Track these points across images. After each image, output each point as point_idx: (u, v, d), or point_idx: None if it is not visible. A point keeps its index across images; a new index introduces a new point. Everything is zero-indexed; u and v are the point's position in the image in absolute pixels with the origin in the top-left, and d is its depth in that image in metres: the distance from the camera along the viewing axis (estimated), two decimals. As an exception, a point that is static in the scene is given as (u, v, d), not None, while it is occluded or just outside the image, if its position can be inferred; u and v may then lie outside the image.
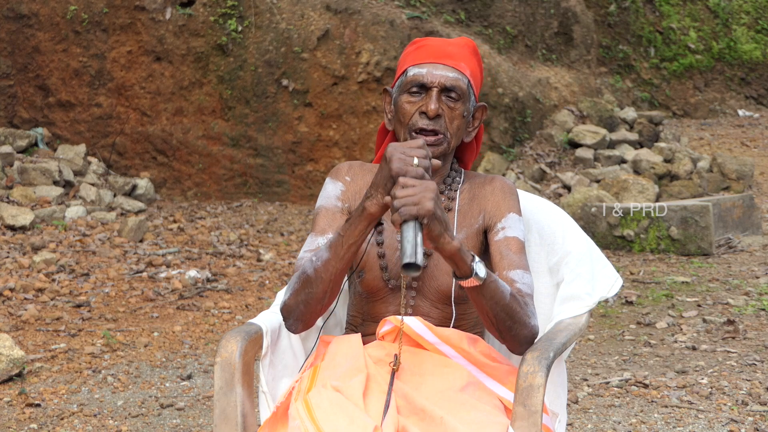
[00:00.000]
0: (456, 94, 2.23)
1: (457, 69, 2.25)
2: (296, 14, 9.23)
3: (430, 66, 2.24)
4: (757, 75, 13.36)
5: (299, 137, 9.23)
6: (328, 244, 2.09)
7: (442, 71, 2.23)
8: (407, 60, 2.30)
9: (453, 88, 2.23)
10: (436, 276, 2.21)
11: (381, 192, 2.02)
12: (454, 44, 2.31)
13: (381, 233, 2.25)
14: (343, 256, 2.08)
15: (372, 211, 2.03)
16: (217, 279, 6.48)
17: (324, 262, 2.08)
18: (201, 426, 4.03)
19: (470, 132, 2.34)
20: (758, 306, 5.66)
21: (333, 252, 2.08)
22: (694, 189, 8.89)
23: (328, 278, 2.10)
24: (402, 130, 2.25)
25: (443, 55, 2.26)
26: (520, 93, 9.73)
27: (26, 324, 5.43)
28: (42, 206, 7.95)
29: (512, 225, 2.23)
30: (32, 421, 4.07)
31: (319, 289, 2.11)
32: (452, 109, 2.23)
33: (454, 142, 2.26)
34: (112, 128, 9.49)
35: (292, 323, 2.19)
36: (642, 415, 4.04)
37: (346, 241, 2.06)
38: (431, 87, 2.22)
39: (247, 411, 2.18)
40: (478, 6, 10.14)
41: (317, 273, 2.09)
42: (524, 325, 2.12)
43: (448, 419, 1.97)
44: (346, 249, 2.07)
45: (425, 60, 2.26)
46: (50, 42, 9.47)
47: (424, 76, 2.23)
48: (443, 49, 2.28)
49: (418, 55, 2.28)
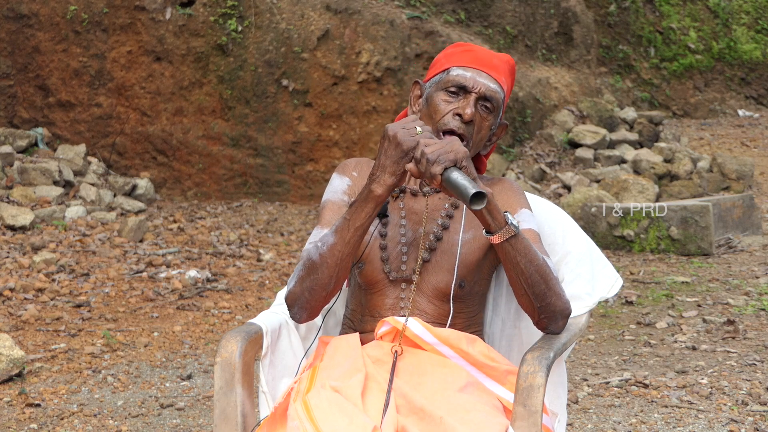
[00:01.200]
0: (491, 105, 2.26)
1: (498, 81, 2.28)
2: (296, 14, 9.23)
3: (474, 72, 2.27)
4: (757, 75, 13.36)
5: (299, 137, 9.23)
6: (334, 228, 2.09)
7: (485, 80, 2.26)
8: (451, 60, 2.31)
9: (491, 98, 2.26)
10: (436, 271, 2.21)
11: (388, 172, 2.04)
12: (498, 57, 2.34)
13: (385, 225, 2.25)
14: (349, 240, 2.07)
15: (378, 193, 2.04)
16: (217, 279, 6.48)
17: (330, 246, 2.08)
18: (201, 426, 4.03)
19: (487, 146, 2.36)
20: (758, 306, 5.66)
21: (339, 236, 2.07)
22: (694, 189, 8.89)
23: (334, 263, 2.09)
24: (431, 126, 2.25)
25: (489, 65, 2.29)
26: (520, 93, 9.73)
27: (26, 324, 5.43)
28: (42, 206, 7.95)
29: (526, 219, 2.24)
30: (32, 421, 4.07)
31: (325, 275, 2.10)
32: (483, 119, 2.26)
33: (473, 151, 2.28)
34: (112, 128, 9.49)
35: (297, 311, 2.17)
36: (642, 415, 4.04)
37: (352, 225, 2.06)
38: (472, 92, 2.25)
39: (247, 411, 2.18)
40: (478, 6, 10.14)
41: (323, 258, 2.09)
42: (558, 295, 2.11)
43: (447, 419, 1.97)
44: (352, 233, 2.07)
45: (471, 65, 2.28)
46: (50, 42, 9.47)
47: (467, 79, 2.25)
48: (489, 59, 2.31)
49: (464, 58, 2.30)
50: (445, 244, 2.22)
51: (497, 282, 2.42)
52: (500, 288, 2.42)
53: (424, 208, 2.28)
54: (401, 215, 2.26)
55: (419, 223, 2.25)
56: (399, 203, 2.28)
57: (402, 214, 2.26)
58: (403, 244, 2.23)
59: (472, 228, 2.25)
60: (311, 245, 2.15)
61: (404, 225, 2.25)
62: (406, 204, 2.28)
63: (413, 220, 2.26)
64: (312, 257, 2.10)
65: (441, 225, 2.24)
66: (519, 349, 2.38)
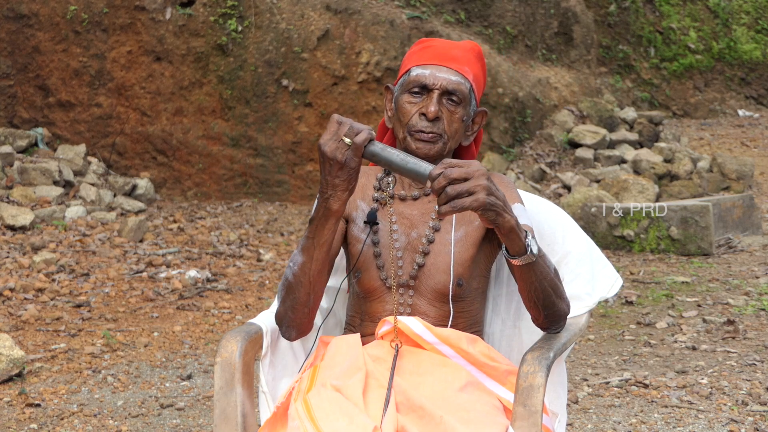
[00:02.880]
0: (457, 97, 2.23)
1: (461, 73, 2.25)
2: (296, 14, 9.22)
3: (433, 68, 2.24)
4: (757, 75, 13.36)
5: (299, 137, 9.23)
6: (300, 248, 2.11)
7: (445, 74, 2.23)
8: (411, 59, 2.29)
9: (455, 91, 2.22)
10: (433, 274, 2.21)
11: (340, 189, 2.02)
12: (459, 47, 2.30)
13: (376, 233, 2.25)
14: (317, 258, 2.10)
15: (336, 208, 2.04)
16: (217, 279, 6.48)
17: (300, 266, 2.11)
18: (201, 426, 4.03)
19: (469, 136, 2.33)
20: (758, 306, 5.65)
21: (306, 255, 2.10)
22: (694, 189, 8.89)
23: (308, 281, 2.12)
24: (401, 129, 2.25)
25: (448, 57, 2.26)
26: (520, 93, 9.73)
27: (26, 324, 5.43)
28: (42, 206, 7.95)
29: (519, 214, 2.23)
30: (32, 421, 4.06)
31: (302, 293, 2.14)
32: (452, 113, 2.23)
33: (451, 144, 2.26)
34: (112, 128, 9.49)
35: (285, 330, 2.22)
36: (642, 415, 4.04)
37: (317, 242, 2.09)
38: (433, 89, 2.22)
39: (247, 411, 2.18)
40: (478, 6, 10.14)
41: (296, 278, 2.13)
42: (563, 298, 2.13)
43: (447, 419, 1.97)
44: (318, 250, 2.10)
45: (429, 61, 2.25)
46: (50, 42, 9.47)
47: (426, 77, 2.23)
48: (448, 51, 2.27)
49: (423, 55, 2.28)
50: (438, 246, 2.22)
51: (497, 282, 2.42)
52: (500, 288, 2.42)
53: (413, 212, 2.27)
54: (392, 221, 2.26)
55: (411, 227, 2.25)
56: (389, 209, 2.27)
57: (393, 220, 2.26)
58: (397, 249, 2.23)
59: (463, 225, 2.24)
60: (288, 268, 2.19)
61: (396, 231, 2.25)
62: (396, 209, 2.28)
63: (405, 225, 2.26)
64: (288, 278, 2.14)
65: (432, 228, 2.24)
66: (519, 349, 2.38)
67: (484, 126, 9.61)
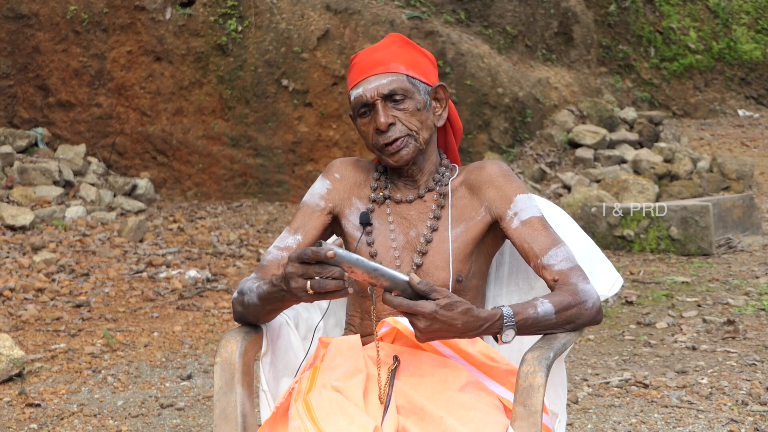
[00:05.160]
0: (399, 95, 2.23)
1: (389, 72, 2.25)
2: (296, 14, 9.23)
3: (363, 83, 2.25)
4: (757, 75, 13.36)
5: (299, 137, 9.23)
6: (258, 293, 2.11)
7: (374, 83, 2.24)
8: (348, 84, 2.32)
9: (392, 92, 2.23)
10: (431, 272, 2.21)
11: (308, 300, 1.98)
12: (380, 47, 2.31)
13: (371, 233, 2.26)
14: (267, 314, 2.18)
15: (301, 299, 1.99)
16: (217, 279, 6.48)
17: (253, 305, 2.15)
18: (201, 426, 4.03)
19: (440, 114, 2.33)
20: (758, 306, 5.66)
21: (261, 303, 2.13)
22: (694, 189, 8.89)
23: (255, 318, 2.20)
24: (373, 151, 2.29)
25: (370, 65, 2.26)
26: (520, 93, 9.73)
27: (26, 324, 5.43)
28: (42, 206, 7.95)
29: (524, 207, 2.22)
30: (32, 421, 4.06)
31: (252, 318, 2.21)
32: (404, 110, 2.23)
33: (424, 135, 2.26)
34: (112, 128, 9.49)
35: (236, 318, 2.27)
36: (642, 415, 4.04)
37: (271, 308, 2.13)
38: (373, 102, 2.23)
39: (247, 411, 2.18)
40: (478, 6, 10.14)
41: (247, 309, 2.18)
42: (586, 312, 2.16)
43: (447, 419, 1.97)
44: (269, 311, 2.15)
45: (357, 79, 2.27)
46: (50, 42, 9.47)
47: (362, 95, 2.24)
48: (370, 58, 2.28)
49: (351, 76, 2.30)
50: (436, 244, 2.22)
51: (497, 281, 2.42)
52: (500, 287, 2.42)
53: (411, 212, 2.28)
54: (389, 221, 2.26)
55: (409, 227, 2.26)
56: (386, 209, 2.28)
57: (390, 219, 2.26)
58: (395, 248, 2.23)
59: (462, 221, 2.25)
60: (250, 279, 2.20)
61: (393, 230, 2.25)
62: (393, 209, 2.28)
63: (402, 225, 2.26)
64: (244, 296, 2.17)
65: (430, 227, 2.24)
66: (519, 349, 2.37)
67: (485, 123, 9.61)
